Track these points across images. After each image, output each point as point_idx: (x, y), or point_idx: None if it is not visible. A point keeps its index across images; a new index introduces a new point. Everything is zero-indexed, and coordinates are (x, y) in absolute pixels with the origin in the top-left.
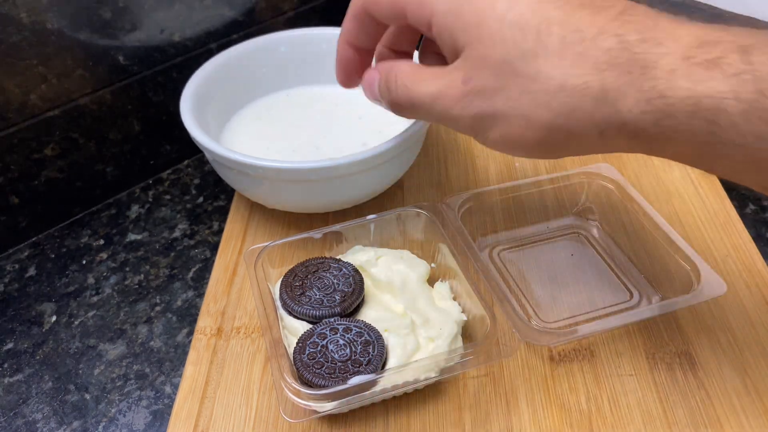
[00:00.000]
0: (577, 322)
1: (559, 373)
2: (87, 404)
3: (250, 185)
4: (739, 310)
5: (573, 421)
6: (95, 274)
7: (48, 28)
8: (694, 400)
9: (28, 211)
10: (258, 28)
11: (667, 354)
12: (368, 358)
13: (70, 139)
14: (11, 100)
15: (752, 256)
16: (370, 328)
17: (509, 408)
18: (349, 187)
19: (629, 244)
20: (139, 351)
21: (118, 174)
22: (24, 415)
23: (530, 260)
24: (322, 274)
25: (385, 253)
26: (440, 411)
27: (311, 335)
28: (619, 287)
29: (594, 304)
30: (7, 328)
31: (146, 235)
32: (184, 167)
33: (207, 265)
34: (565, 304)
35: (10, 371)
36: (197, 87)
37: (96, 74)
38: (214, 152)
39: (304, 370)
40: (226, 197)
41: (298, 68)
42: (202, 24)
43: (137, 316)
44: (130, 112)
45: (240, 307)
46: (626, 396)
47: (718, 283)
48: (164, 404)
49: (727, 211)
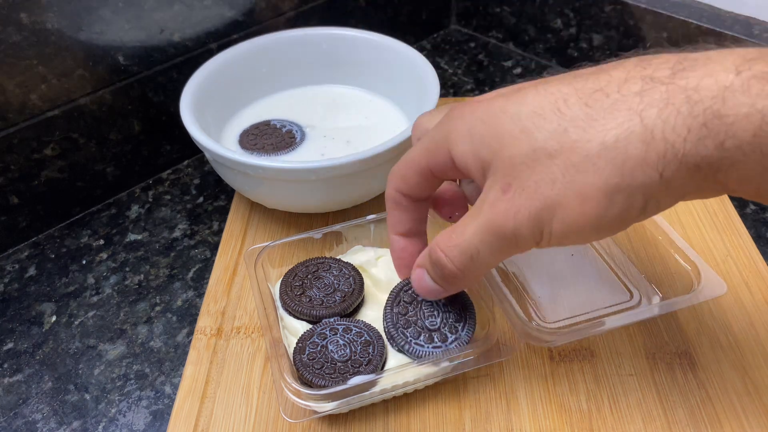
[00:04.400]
0: (577, 322)
1: (559, 373)
2: (87, 404)
3: (250, 185)
4: (739, 310)
5: (573, 421)
6: (95, 274)
7: (48, 28)
8: (694, 400)
9: (28, 211)
10: (258, 28)
11: (667, 354)
12: (368, 358)
13: (70, 139)
14: (11, 100)
15: (752, 256)
16: (369, 328)
17: (509, 408)
18: (349, 187)
19: (629, 244)
20: (139, 351)
21: (118, 174)
22: (24, 415)
23: (530, 260)
24: (322, 274)
25: (385, 253)
26: (440, 411)
27: (311, 335)
28: (619, 287)
29: (594, 304)
30: (7, 328)
31: (146, 235)
32: (184, 167)
33: (207, 265)
34: (565, 304)
35: (10, 371)
36: (197, 87)
37: (96, 74)
38: (214, 152)
39: (304, 370)
40: (226, 197)
41: (298, 68)
42: (202, 24)
43: (137, 316)
44: (130, 112)
45: (240, 307)
46: (626, 396)
47: (718, 283)
48: (164, 404)
49: (727, 211)
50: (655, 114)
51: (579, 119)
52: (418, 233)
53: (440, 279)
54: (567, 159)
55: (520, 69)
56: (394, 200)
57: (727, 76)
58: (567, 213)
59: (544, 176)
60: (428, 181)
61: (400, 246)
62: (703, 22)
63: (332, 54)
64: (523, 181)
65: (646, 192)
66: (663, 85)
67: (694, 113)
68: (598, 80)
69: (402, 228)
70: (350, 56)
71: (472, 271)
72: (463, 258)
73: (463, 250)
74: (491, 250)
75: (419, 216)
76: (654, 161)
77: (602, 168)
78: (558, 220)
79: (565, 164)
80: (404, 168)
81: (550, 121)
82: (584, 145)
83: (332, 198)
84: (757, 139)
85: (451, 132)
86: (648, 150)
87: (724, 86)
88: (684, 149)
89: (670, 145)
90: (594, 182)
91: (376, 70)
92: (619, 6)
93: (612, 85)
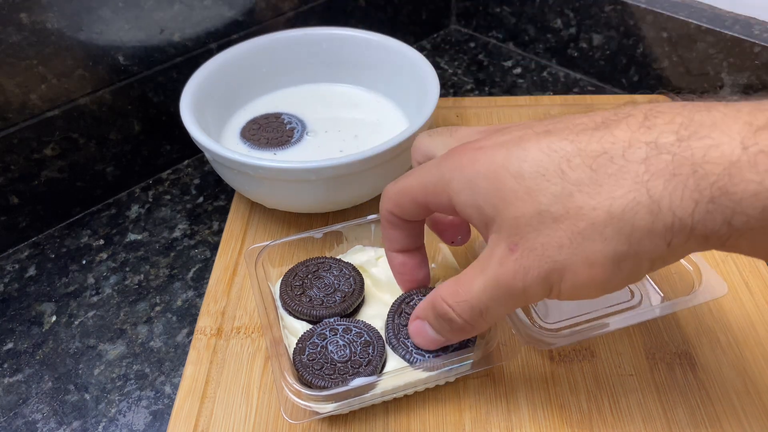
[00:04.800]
0: (578, 322)
1: (559, 373)
2: (87, 404)
3: (250, 185)
4: (739, 310)
5: (573, 421)
6: (95, 274)
7: (48, 28)
8: (694, 400)
9: (28, 211)
10: (258, 28)
11: (667, 354)
12: (368, 358)
13: (70, 139)
14: (11, 100)
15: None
16: (370, 328)
17: (509, 408)
18: (349, 187)
19: None
20: (139, 351)
21: (118, 174)
22: (24, 415)
23: None
24: (323, 274)
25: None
26: (440, 411)
27: (311, 335)
28: None
29: (594, 304)
30: (7, 328)
31: (146, 235)
32: (184, 167)
33: (207, 265)
34: (566, 305)
35: (10, 371)
36: (197, 87)
37: (96, 74)
38: (214, 152)
39: (303, 371)
40: (226, 197)
41: (298, 68)
42: (202, 24)
43: (137, 316)
44: (130, 112)
45: (240, 307)
46: (626, 396)
47: (718, 283)
48: (164, 404)
49: None
50: (661, 186)
51: (584, 184)
52: (416, 248)
53: (447, 332)
54: (573, 225)
55: (520, 69)
56: (389, 220)
57: (733, 150)
58: (576, 277)
59: (550, 240)
60: (424, 211)
61: (399, 261)
62: (703, 22)
63: (332, 54)
64: (530, 242)
65: (653, 257)
66: (668, 155)
67: (700, 188)
68: (602, 142)
69: (399, 245)
70: (350, 56)
71: (481, 325)
72: (472, 314)
73: (472, 306)
74: (501, 306)
75: (416, 232)
76: (661, 232)
77: (610, 237)
78: (567, 282)
79: (571, 230)
80: (400, 195)
81: (554, 183)
82: (590, 213)
83: (332, 198)
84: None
85: (452, 181)
86: (655, 221)
87: (730, 161)
88: (692, 222)
89: (678, 218)
90: (602, 250)
91: (376, 70)
92: (619, 6)
93: (616, 148)
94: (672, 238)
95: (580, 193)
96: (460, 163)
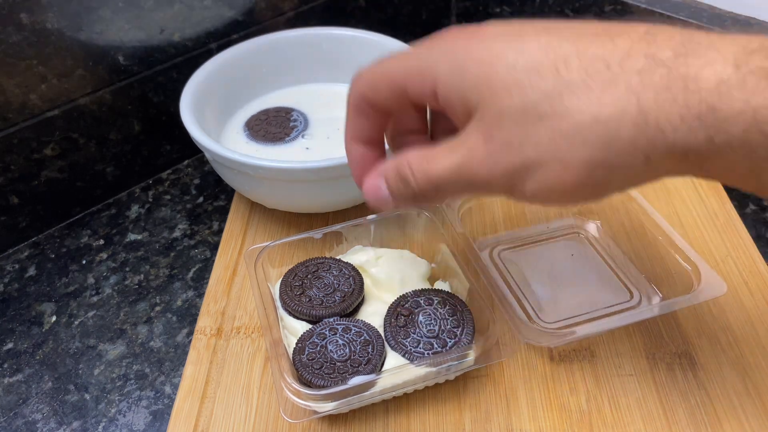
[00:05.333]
0: (578, 322)
1: (559, 373)
2: (87, 404)
3: (250, 185)
4: (739, 310)
5: (573, 421)
6: (95, 274)
7: (48, 28)
8: (694, 400)
9: (28, 211)
10: (258, 28)
11: (667, 354)
12: (367, 357)
13: (70, 139)
14: (11, 100)
15: (752, 257)
16: (369, 327)
17: (509, 408)
18: (349, 187)
19: (629, 244)
20: (139, 351)
21: (118, 174)
22: (24, 415)
23: (530, 260)
24: (322, 274)
25: (385, 253)
26: (440, 411)
27: (311, 335)
28: (619, 287)
29: (594, 304)
30: (7, 328)
31: (146, 235)
32: (184, 167)
33: (207, 265)
34: (565, 304)
35: (10, 371)
36: (197, 87)
37: (96, 74)
38: (214, 152)
39: (303, 371)
40: (226, 197)
41: (298, 68)
42: (202, 24)
43: (137, 316)
44: (130, 112)
45: (240, 307)
46: (626, 396)
47: (718, 283)
48: (164, 404)
49: (728, 212)
50: (651, 99)
51: (576, 86)
52: (378, 142)
53: (398, 194)
54: (556, 125)
55: None
56: (358, 107)
57: (726, 68)
58: (545, 176)
59: (529, 137)
60: (399, 99)
61: (359, 153)
62: (703, 22)
63: (332, 54)
64: (507, 136)
65: (627, 171)
66: (664, 68)
67: (689, 104)
68: (602, 47)
69: (363, 135)
70: (350, 56)
71: (430, 198)
72: (428, 186)
73: (431, 178)
74: (457, 189)
75: (381, 124)
76: (642, 146)
77: (590, 142)
78: (533, 180)
79: (552, 129)
80: (377, 78)
81: (546, 81)
82: (576, 115)
83: (332, 198)
84: (746, 134)
85: (440, 64)
86: (638, 134)
87: (721, 79)
88: (674, 138)
89: (661, 132)
90: (579, 153)
91: None
92: (619, 6)
93: (615, 56)
94: (651, 153)
95: (570, 95)
96: (453, 47)
